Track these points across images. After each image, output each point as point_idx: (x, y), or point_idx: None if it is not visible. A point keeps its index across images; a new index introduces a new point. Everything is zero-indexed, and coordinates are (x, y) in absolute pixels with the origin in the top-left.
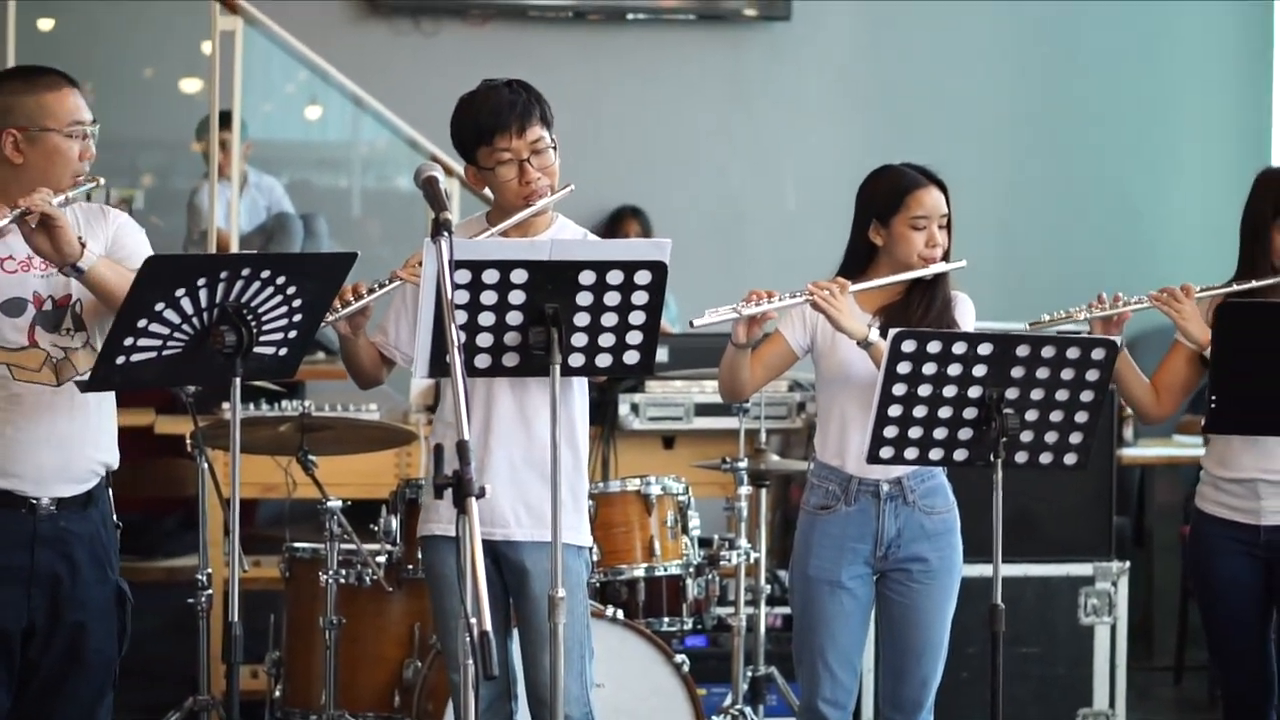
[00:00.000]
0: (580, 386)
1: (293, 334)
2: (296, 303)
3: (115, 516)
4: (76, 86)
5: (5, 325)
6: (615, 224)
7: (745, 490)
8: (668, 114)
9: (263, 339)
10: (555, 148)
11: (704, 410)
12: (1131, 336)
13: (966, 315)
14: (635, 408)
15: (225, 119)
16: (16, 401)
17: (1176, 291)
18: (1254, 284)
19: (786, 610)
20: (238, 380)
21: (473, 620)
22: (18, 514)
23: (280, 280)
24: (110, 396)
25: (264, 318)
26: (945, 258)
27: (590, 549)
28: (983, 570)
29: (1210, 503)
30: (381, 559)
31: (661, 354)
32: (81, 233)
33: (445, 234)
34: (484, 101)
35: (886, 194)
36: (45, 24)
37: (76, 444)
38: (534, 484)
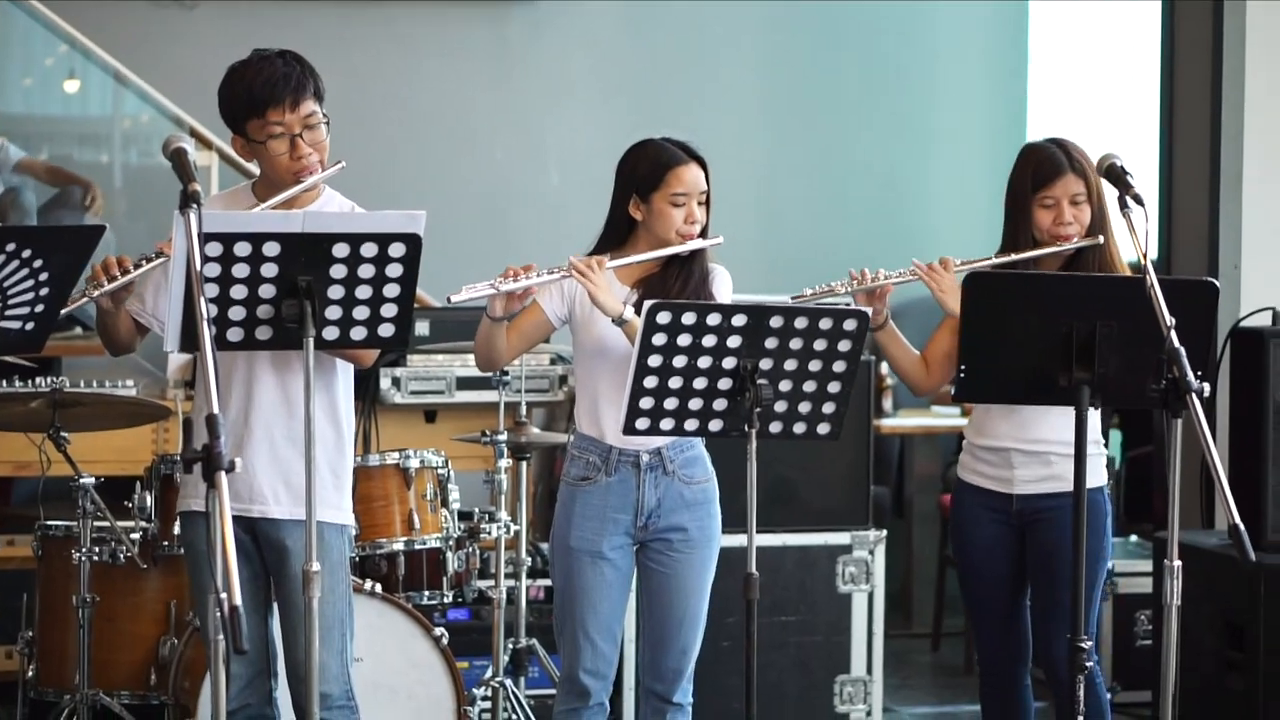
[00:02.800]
0: (344, 364)
1: (39, 308)
2: (43, 276)
3: None
4: None
5: None
6: None
7: (505, 463)
8: (431, 91)
9: (8, 313)
10: (327, 122)
11: (465, 384)
12: (898, 309)
13: (724, 288)
14: (396, 381)
15: None
16: None
17: (935, 264)
18: (1013, 256)
19: (548, 582)
20: None
21: (223, 595)
22: None
23: (26, 253)
24: None
25: (9, 291)
26: (704, 234)
27: (351, 527)
28: (741, 540)
29: (969, 471)
30: (136, 536)
31: (422, 327)
32: None
33: (194, 206)
34: (257, 72)
35: (647, 169)
36: None
37: None
38: (295, 461)
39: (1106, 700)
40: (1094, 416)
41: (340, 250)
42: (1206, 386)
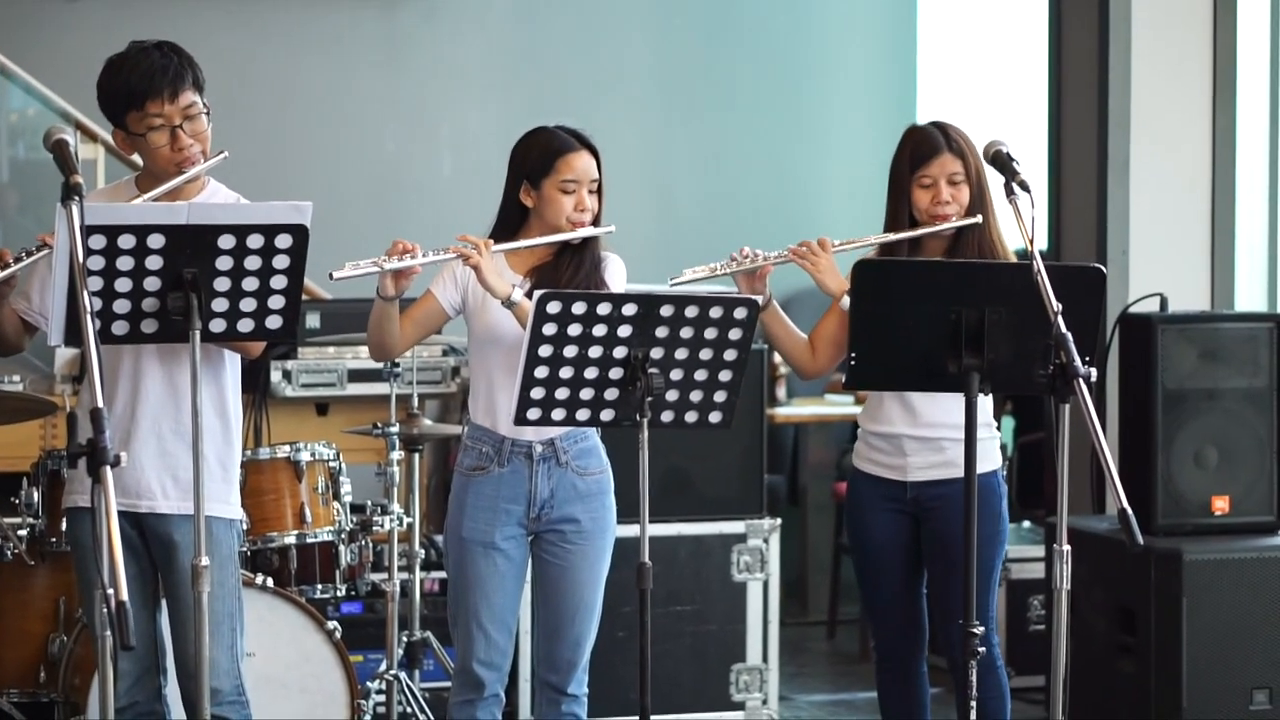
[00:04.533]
0: (231, 358)
1: None
2: None
3: None
4: None
5: None
6: None
7: (397, 455)
8: (320, 79)
9: None
10: (208, 113)
11: (357, 376)
12: (786, 294)
13: (617, 276)
14: (287, 374)
15: None
16: None
17: (813, 245)
18: (892, 237)
19: (442, 575)
20: None
21: (109, 591)
22: None
23: None
24: None
25: None
26: (596, 221)
27: (240, 521)
28: (635, 530)
29: (863, 459)
30: (24, 533)
31: (313, 320)
32: None
33: (76, 198)
34: (134, 65)
35: (538, 156)
36: None
37: None
38: (182, 455)
39: (1006, 684)
40: (986, 401)
41: (226, 242)
42: (1094, 372)
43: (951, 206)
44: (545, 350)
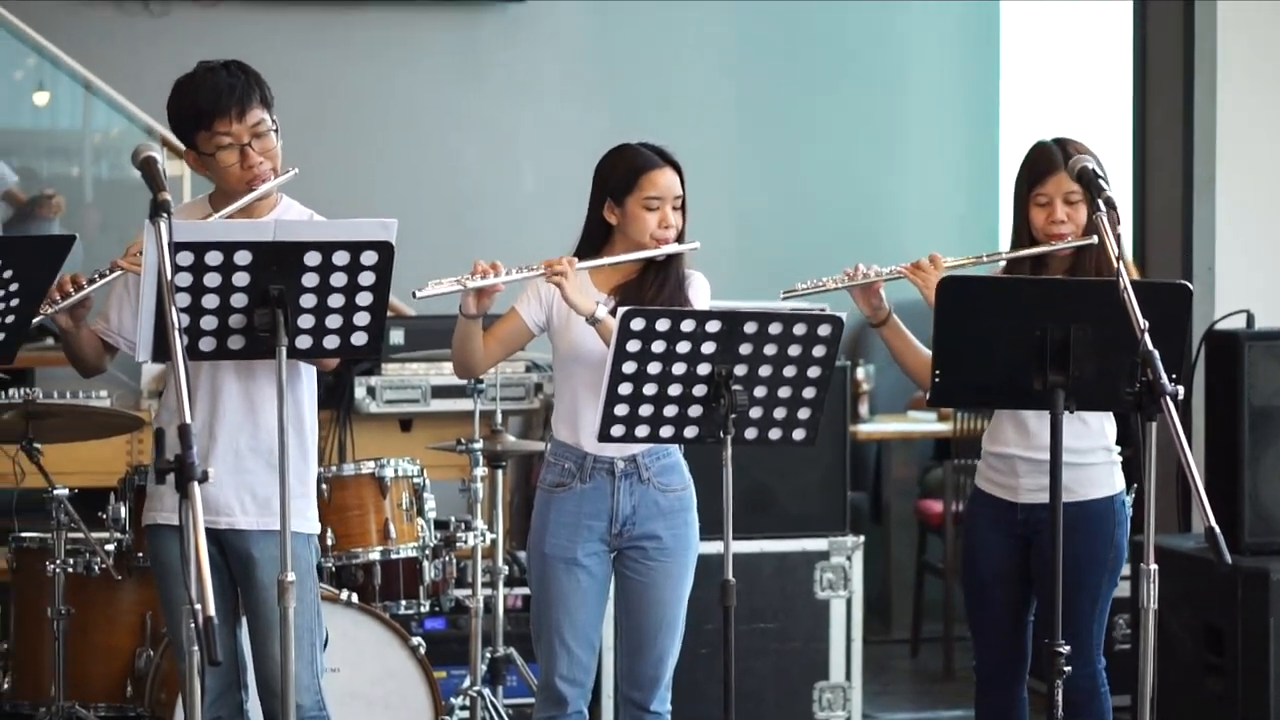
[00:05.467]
0: (308, 373)
1: (10, 319)
2: (13, 287)
3: None
4: None
5: None
6: None
7: (481, 471)
8: (403, 95)
9: None
10: (277, 130)
11: (441, 392)
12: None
13: (701, 294)
14: (372, 390)
15: None
16: None
17: (924, 262)
18: (1003, 256)
19: (525, 591)
20: None
21: (197, 606)
22: None
23: None
24: None
25: None
26: (680, 238)
27: (317, 535)
28: (719, 547)
29: (982, 478)
30: (111, 547)
31: (397, 336)
32: None
33: (164, 215)
34: (201, 85)
35: (621, 173)
36: None
37: None
38: (259, 471)
39: (1109, 712)
40: (1106, 424)
41: (312, 259)
42: (1181, 389)
43: (1066, 226)
44: (629, 367)
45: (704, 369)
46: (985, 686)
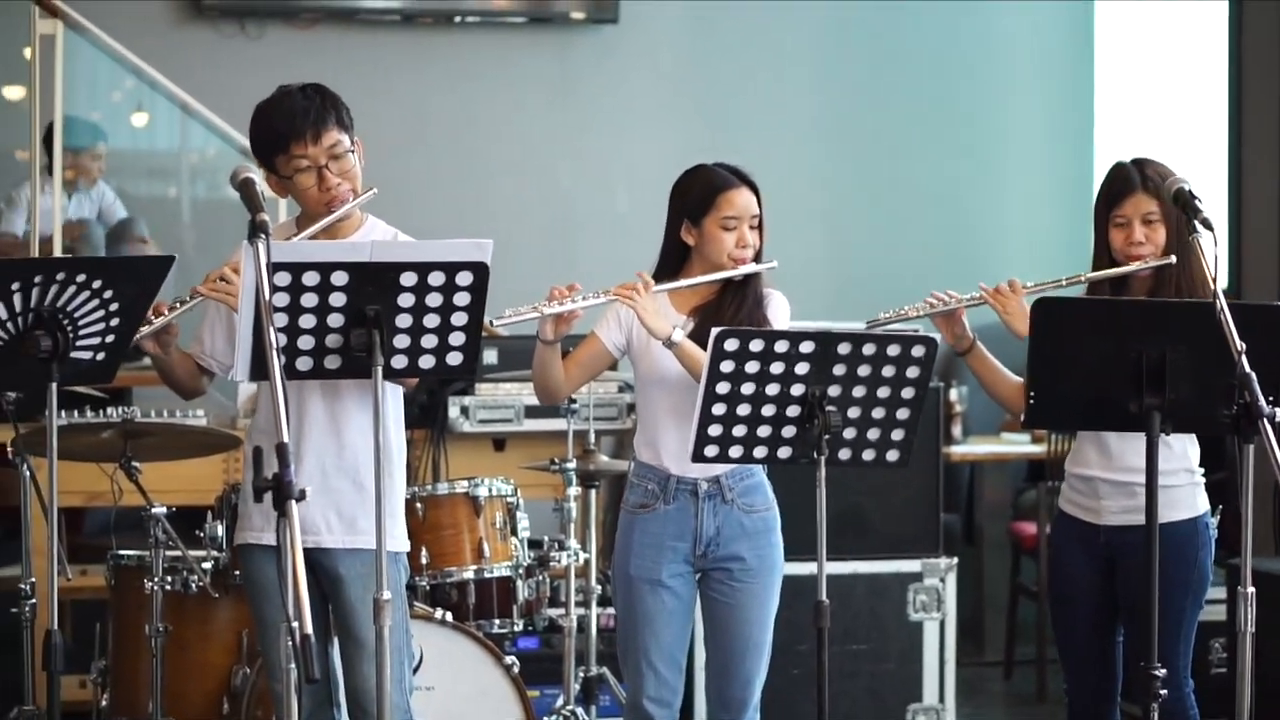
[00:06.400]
0: (394, 391)
1: (110, 338)
2: (113, 306)
3: None
4: None
5: None
6: None
7: (574, 491)
8: (497, 116)
9: (79, 344)
10: (354, 150)
11: (534, 412)
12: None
13: (780, 313)
14: (465, 410)
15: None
16: None
17: (1003, 287)
18: (1083, 277)
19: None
20: (54, 386)
21: (294, 624)
22: None
23: (96, 284)
24: None
25: (80, 322)
26: (758, 258)
27: (406, 554)
28: (812, 568)
29: (1065, 500)
30: (208, 565)
31: (490, 356)
32: None
33: (262, 236)
34: (277, 108)
35: (698, 194)
36: None
37: None
38: (345, 490)
39: None
40: (1190, 446)
41: (408, 279)
42: (1278, 411)
43: (1145, 246)
44: (723, 388)
45: (798, 389)
46: (1077, 710)
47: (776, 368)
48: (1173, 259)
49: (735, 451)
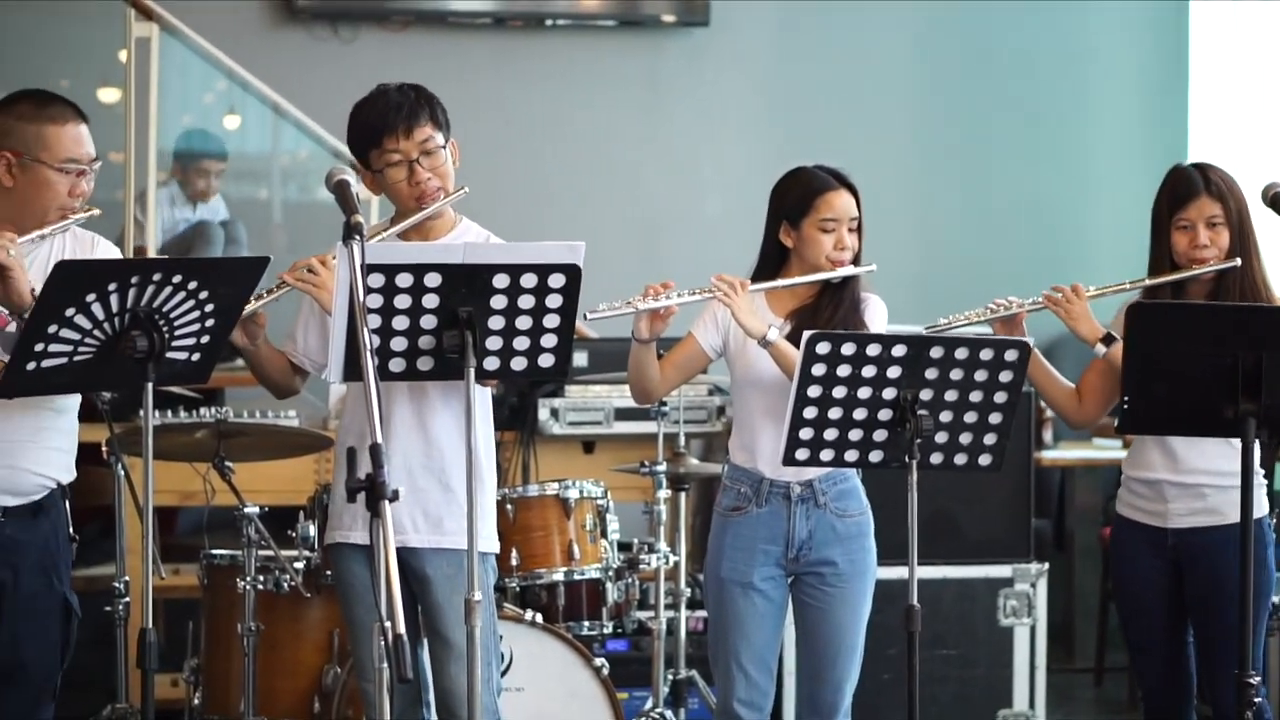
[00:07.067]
0: (482, 392)
1: (205, 339)
2: (209, 307)
3: (71, 529)
4: (85, 121)
5: None
6: None
7: (664, 494)
8: (587, 119)
9: (175, 344)
10: (448, 148)
11: (624, 414)
12: (1048, 341)
13: (877, 317)
14: (555, 412)
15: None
16: None
17: (1067, 291)
18: (1147, 281)
19: (706, 613)
20: (150, 386)
21: (387, 624)
22: None
23: (191, 285)
24: (67, 412)
25: (175, 323)
26: (856, 260)
27: (494, 555)
28: (902, 572)
29: (1126, 505)
30: (300, 565)
31: (580, 358)
32: (68, 255)
33: (357, 237)
34: (374, 104)
35: (797, 196)
36: None
37: (19, 457)
38: (431, 490)
39: None
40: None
41: (500, 281)
42: None
43: (1209, 250)
44: (814, 391)
45: (889, 393)
46: (1152, 712)
47: (868, 371)
48: (1237, 262)
49: (826, 455)
